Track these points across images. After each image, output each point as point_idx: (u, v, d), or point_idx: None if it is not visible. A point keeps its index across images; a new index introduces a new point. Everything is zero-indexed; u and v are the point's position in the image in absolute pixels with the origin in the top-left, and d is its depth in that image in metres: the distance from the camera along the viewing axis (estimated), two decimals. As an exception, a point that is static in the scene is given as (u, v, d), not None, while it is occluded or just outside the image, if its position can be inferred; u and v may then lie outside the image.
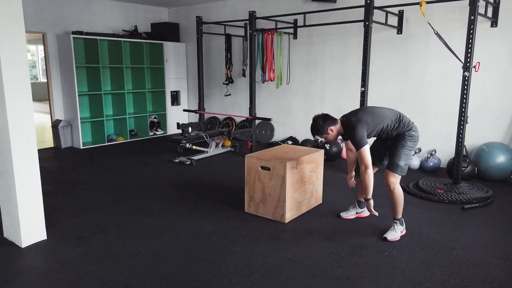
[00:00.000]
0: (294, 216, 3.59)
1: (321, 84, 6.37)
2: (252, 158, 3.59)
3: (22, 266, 2.77)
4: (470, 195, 3.99)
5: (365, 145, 3.00)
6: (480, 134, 4.99)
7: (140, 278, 2.58)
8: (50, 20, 6.58)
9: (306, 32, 6.32)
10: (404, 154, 3.11)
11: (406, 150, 3.11)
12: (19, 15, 2.81)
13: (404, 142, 3.11)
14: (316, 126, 3.20)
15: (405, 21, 5.40)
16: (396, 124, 3.14)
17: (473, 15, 3.93)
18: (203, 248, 3.00)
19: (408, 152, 3.12)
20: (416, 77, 5.43)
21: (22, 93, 2.88)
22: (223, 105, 7.77)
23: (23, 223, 2.99)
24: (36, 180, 3.05)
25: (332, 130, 3.18)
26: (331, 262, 2.78)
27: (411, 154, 3.15)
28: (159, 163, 5.68)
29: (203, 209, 3.82)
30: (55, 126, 6.75)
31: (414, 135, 3.13)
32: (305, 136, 6.55)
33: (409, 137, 3.12)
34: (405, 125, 3.14)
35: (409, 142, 3.11)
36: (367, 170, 3.03)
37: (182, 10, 8.07)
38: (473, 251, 2.96)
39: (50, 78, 6.72)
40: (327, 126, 3.17)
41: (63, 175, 5.08)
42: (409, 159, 3.16)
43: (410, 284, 2.51)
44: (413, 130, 3.14)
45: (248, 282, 2.53)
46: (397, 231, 3.19)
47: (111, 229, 3.35)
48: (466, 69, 4.01)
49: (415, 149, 3.15)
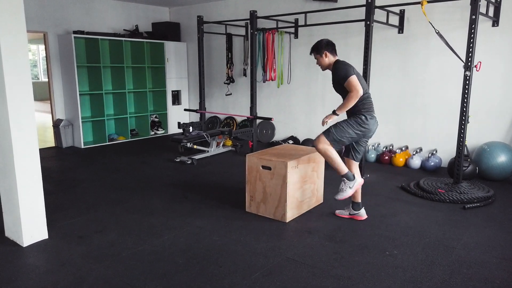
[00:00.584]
0: (295, 215, 3.60)
1: (322, 83, 6.37)
2: (253, 157, 3.60)
3: (24, 265, 2.77)
4: (471, 194, 3.99)
5: (353, 75, 3.18)
6: (481, 133, 4.98)
7: (141, 277, 2.58)
8: (51, 19, 6.59)
9: (307, 31, 6.32)
10: (343, 127, 3.26)
11: (348, 127, 3.26)
12: (20, 15, 2.81)
13: (353, 121, 3.28)
14: (319, 43, 3.40)
15: (406, 20, 5.39)
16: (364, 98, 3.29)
17: (474, 14, 3.93)
18: (204, 248, 3.00)
19: (348, 129, 3.26)
20: (417, 77, 5.43)
21: (24, 92, 2.88)
22: (224, 105, 7.77)
23: (24, 222, 3.00)
24: (38, 179, 3.05)
25: (326, 56, 3.36)
26: (332, 262, 2.79)
27: (351, 134, 3.26)
28: (160, 162, 5.68)
29: (204, 209, 3.82)
30: (56, 125, 6.75)
31: (364, 120, 3.27)
32: (306, 136, 6.55)
33: (360, 119, 3.27)
34: (365, 105, 3.30)
35: (356, 124, 3.27)
36: (357, 95, 3.16)
37: (183, 10, 8.08)
38: (474, 250, 2.96)
39: (51, 77, 6.73)
40: (326, 49, 3.35)
41: (64, 174, 5.09)
42: (345, 137, 3.26)
43: (411, 284, 2.51)
44: (368, 115, 3.29)
45: (249, 281, 2.53)
46: (346, 189, 3.31)
47: (112, 228, 3.35)
48: (467, 69, 4.00)
49: (360, 135, 3.30)
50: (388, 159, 5.57)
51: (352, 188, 3.31)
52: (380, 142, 5.87)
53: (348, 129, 3.25)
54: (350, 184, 3.31)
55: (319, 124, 6.48)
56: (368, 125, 3.28)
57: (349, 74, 3.19)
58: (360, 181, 3.39)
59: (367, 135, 3.36)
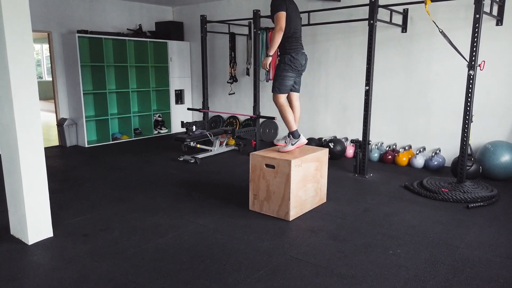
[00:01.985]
0: (298, 214, 3.60)
1: (325, 82, 6.37)
2: (257, 156, 3.61)
3: (29, 263, 2.79)
4: (475, 194, 3.99)
5: (281, 12, 3.52)
6: (485, 132, 4.97)
7: (145, 275, 2.60)
8: (55, 19, 6.61)
9: (310, 31, 6.31)
10: (281, 76, 3.71)
11: (284, 72, 3.69)
12: (26, 15, 2.83)
13: (284, 65, 3.68)
14: None
15: (410, 19, 5.39)
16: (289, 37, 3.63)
17: (478, 13, 3.92)
18: (208, 246, 3.01)
19: (286, 73, 3.69)
20: (421, 76, 5.42)
21: (29, 92, 2.90)
22: (227, 104, 7.78)
23: (29, 220, 3.02)
24: (43, 178, 3.07)
25: None
26: (336, 260, 2.79)
27: (290, 76, 3.71)
28: (163, 161, 5.70)
29: (207, 207, 3.84)
30: (60, 124, 6.78)
31: (291, 59, 3.67)
32: (310, 135, 6.56)
33: (289, 59, 3.67)
34: (291, 44, 3.66)
35: (287, 66, 3.68)
36: (280, 32, 3.54)
37: (187, 9, 8.09)
38: (478, 249, 2.96)
39: (55, 77, 6.76)
40: None
41: (68, 173, 5.11)
42: (288, 82, 3.73)
43: (414, 283, 2.51)
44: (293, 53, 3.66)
45: (253, 279, 2.54)
46: (288, 145, 3.71)
47: (116, 227, 3.37)
48: (471, 68, 4.00)
49: (296, 71, 3.76)
50: (391, 158, 5.57)
51: (294, 145, 3.71)
52: (383, 141, 5.87)
53: (286, 74, 3.69)
54: (293, 141, 3.72)
55: (322, 123, 6.50)
56: (298, 60, 3.69)
57: (279, 9, 3.52)
58: (304, 141, 3.77)
59: (301, 70, 3.81)
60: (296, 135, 3.74)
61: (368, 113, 4.76)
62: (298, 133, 3.77)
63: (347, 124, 6.23)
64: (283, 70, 3.69)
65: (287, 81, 3.72)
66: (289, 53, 3.68)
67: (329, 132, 6.45)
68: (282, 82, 3.72)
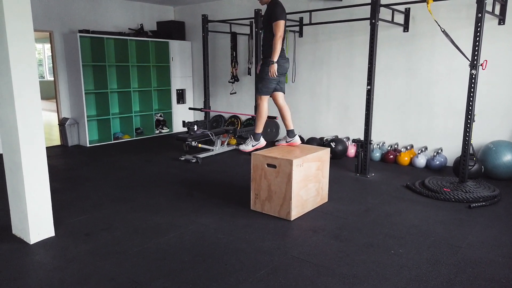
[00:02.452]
0: (300, 214, 3.60)
1: (327, 82, 6.36)
2: (259, 155, 3.60)
3: (31, 262, 2.80)
4: (477, 193, 3.98)
5: (283, 21, 3.74)
6: (487, 132, 4.96)
7: (147, 274, 2.60)
8: (57, 18, 6.62)
9: (312, 30, 6.31)
10: (265, 78, 3.87)
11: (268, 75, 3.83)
12: (28, 14, 2.83)
13: (268, 69, 3.81)
14: None
15: (412, 19, 5.37)
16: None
17: (480, 12, 3.91)
18: (209, 245, 3.01)
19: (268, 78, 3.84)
20: (423, 75, 5.41)
21: (31, 91, 2.91)
22: (228, 103, 7.78)
23: (31, 220, 3.02)
24: (44, 177, 3.08)
25: None
26: (337, 260, 2.79)
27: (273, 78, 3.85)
28: (165, 161, 5.71)
29: (209, 207, 3.84)
30: (62, 124, 6.80)
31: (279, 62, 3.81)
32: (311, 135, 6.55)
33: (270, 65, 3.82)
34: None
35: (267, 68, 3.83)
36: (281, 39, 3.74)
37: (188, 9, 8.09)
38: (480, 249, 2.95)
39: (57, 76, 6.77)
40: None
41: (70, 172, 5.12)
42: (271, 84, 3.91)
43: (416, 282, 2.50)
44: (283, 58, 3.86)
45: (254, 279, 2.54)
46: (249, 144, 4.03)
47: (118, 226, 3.37)
48: (473, 67, 3.99)
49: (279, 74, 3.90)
50: (393, 158, 5.56)
51: (254, 146, 4.02)
52: (385, 141, 5.86)
53: (269, 77, 3.83)
54: (253, 143, 4.03)
55: (324, 123, 6.49)
56: (282, 66, 3.88)
57: (281, 18, 3.72)
58: (263, 143, 4.09)
59: (284, 72, 3.98)
60: (258, 138, 4.07)
61: (370, 113, 4.75)
62: (260, 136, 4.09)
63: (348, 124, 6.22)
64: (267, 73, 3.84)
65: (269, 84, 3.90)
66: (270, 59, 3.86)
67: (330, 131, 6.45)
68: (265, 85, 3.91)
